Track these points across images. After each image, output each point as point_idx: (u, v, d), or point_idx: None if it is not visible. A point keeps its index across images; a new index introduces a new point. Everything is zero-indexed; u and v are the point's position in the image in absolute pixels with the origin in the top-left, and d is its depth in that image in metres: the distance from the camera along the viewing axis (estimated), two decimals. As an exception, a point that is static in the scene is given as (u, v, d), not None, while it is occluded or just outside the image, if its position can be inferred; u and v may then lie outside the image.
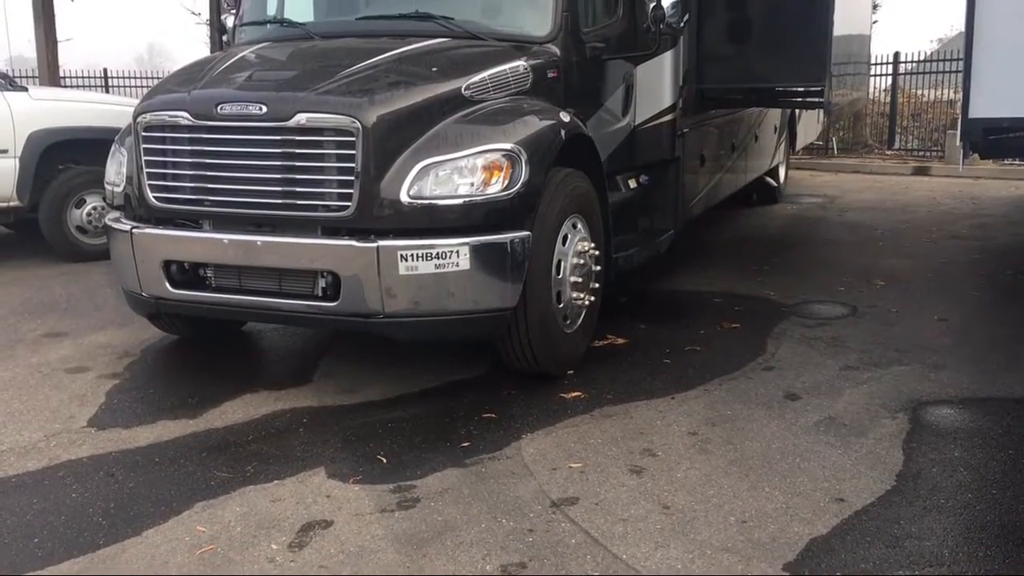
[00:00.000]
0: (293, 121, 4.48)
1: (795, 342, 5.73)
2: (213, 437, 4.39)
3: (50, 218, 8.24)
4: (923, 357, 5.40)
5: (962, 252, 8.45)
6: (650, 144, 6.57)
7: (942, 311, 6.41)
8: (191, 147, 4.75)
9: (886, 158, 16.22)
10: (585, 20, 5.72)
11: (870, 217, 10.48)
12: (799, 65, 7.07)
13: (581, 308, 5.20)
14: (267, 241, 4.64)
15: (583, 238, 5.18)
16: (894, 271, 7.65)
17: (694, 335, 5.88)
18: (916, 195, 12.30)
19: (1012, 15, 5.51)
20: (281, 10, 6.20)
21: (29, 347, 5.82)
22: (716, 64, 7.15)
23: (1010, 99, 5.62)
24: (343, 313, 4.58)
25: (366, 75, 4.77)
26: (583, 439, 4.29)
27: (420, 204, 4.47)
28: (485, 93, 4.90)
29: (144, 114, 4.87)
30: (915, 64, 17.24)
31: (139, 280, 4.96)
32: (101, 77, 21.67)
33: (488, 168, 4.55)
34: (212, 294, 4.86)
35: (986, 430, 4.36)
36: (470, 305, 4.58)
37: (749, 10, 7.21)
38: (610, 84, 6.06)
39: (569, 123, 5.12)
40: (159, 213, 4.89)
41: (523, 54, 5.25)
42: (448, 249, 4.46)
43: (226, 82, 4.91)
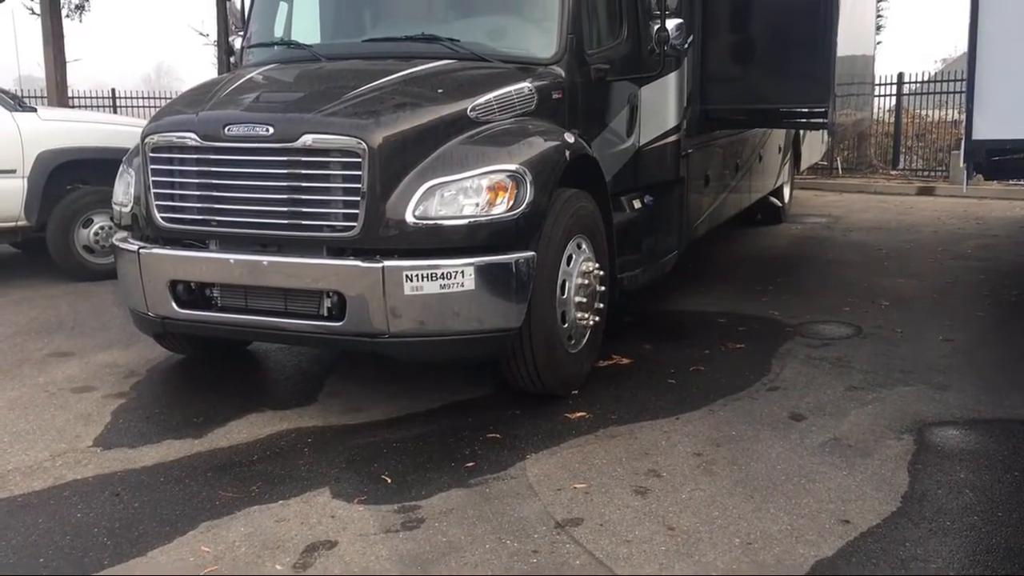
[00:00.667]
0: (299, 142, 4.51)
1: (800, 362, 5.73)
2: (218, 457, 4.39)
3: (57, 237, 8.28)
4: (928, 377, 5.39)
5: (967, 272, 8.45)
6: (654, 165, 6.60)
7: (947, 331, 6.40)
8: (198, 168, 4.78)
9: (891, 178, 16.25)
10: (590, 42, 5.76)
11: (875, 237, 10.49)
12: (803, 86, 7.11)
13: (586, 328, 5.21)
14: (273, 261, 4.67)
15: (588, 258, 5.20)
16: (899, 291, 7.66)
17: (699, 355, 5.88)
18: (921, 215, 12.32)
19: (1015, 37, 5.53)
20: (288, 32, 6.26)
21: (36, 366, 5.84)
22: (720, 85, 7.19)
23: (1013, 120, 5.63)
24: (348, 333, 4.59)
25: (372, 97, 4.81)
26: (587, 459, 4.28)
27: (425, 224, 4.50)
28: (490, 114, 4.93)
29: (152, 135, 4.91)
30: (919, 84, 17.30)
31: (146, 300, 4.98)
32: (109, 97, 21.83)
33: (493, 189, 4.57)
34: (218, 314, 4.88)
35: (992, 451, 4.35)
36: (475, 325, 4.59)
37: (752, 31, 7.26)
38: (614, 105, 6.09)
39: (574, 144, 5.15)
40: (166, 233, 4.92)
41: (528, 75, 5.29)
42: (453, 269, 4.48)
43: (233, 103, 4.96)
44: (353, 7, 6.40)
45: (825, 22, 6.80)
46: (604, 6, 6.09)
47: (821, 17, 6.81)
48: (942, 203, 13.60)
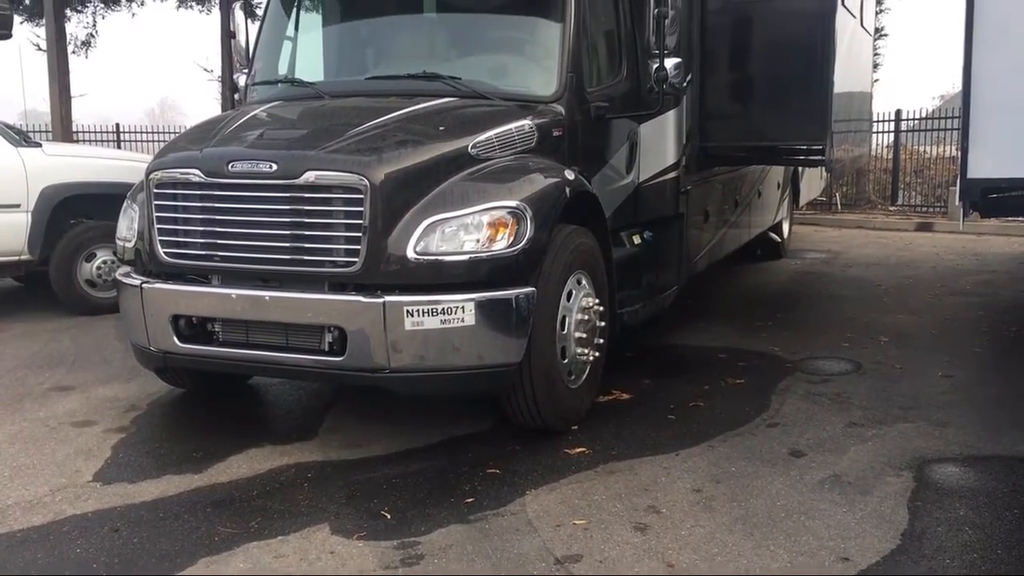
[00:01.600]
0: (302, 179, 4.56)
1: (799, 398, 5.73)
2: (218, 492, 4.39)
3: (60, 271, 8.31)
4: (928, 414, 5.40)
5: (966, 308, 8.47)
6: (654, 201, 6.65)
7: (947, 368, 6.41)
8: (202, 204, 4.83)
9: (889, 214, 16.32)
10: (590, 80, 5.83)
11: (874, 273, 10.53)
12: (801, 123, 7.17)
13: (586, 363, 5.22)
14: (275, 296, 4.70)
15: (587, 294, 5.23)
16: (898, 327, 7.67)
17: (698, 390, 5.89)
18: (920, 251, 12.36)
19: (1009, 76, 5.59)
20: (292, 70, 6.33)
21: (37, 400, 5.85)
22: (719, 122, 7.25)
23: (1008, 159, 5.68)
24: (349, 368, 4.61)
25: (374, 134, 4.87)
26: (587, 495, 4.28)
27: (426, 260, 4.53)
28: (491, 151, 4.99)
29: (156, 171, 4.96)
30: (917, 121, 17.42)
31: (147, 334, 5.00)
32: (113, 132, 21.97)
33: (494, 225, 4.61)
34: (219, 348, 4.90)
35: (992, 488, 4.34)
36: (475, 360, 4.61)
37: (750, 70, 7.34)
38: (614, 142, 6.16)
39: (574, 181, 5.20)
40: (169, 268, 4.96)
41: (529, 113, 5.35)
42: (453, 305, 4.50)
43: (237, 140, 5.01)
44: (356, 45, 6.50)
45: (822, 60, 6.87)
46: (604, 45, 6.18)
47: (818, 55, 6.89)
48: (941, 239, 13.65)
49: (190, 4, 19.32)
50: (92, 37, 19.65)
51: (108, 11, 19.49)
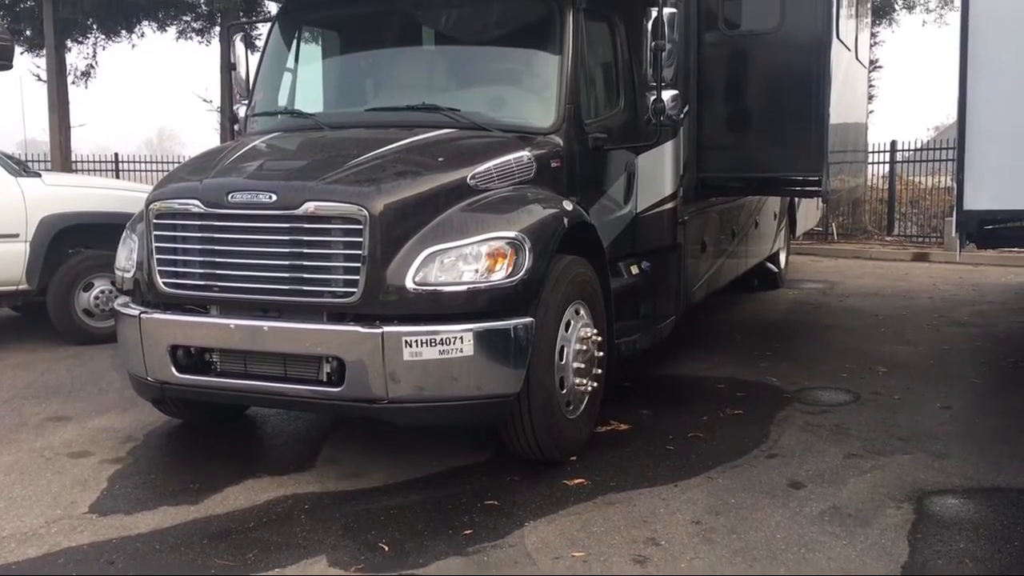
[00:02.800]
0: (302, 209, 4.58)
1: (798, 429, 5.72)
2: (214, 524, 4.37)
3: (58, 301, 8.31)
4: (927, 445, 5.39)
5: (964, 339, 8.48)
6: (652, 231, 6.67)
7: (945, 399, 6.41)
8: (201, 234, 4.84)
9: (886, 244, 16.38)
10: (588, 112, 5.87)
11: (871, 303, 10.54)
12: (797, 154, 7.21)
13: (584, 394, 5.22)
14: (273, 326, 4.70)
15: (586, 324, 5.23)
16: (896, 357, 7.67)
17: (697, 421, 5.88)
18: (916, 281, 12.39)
19: (1003, 108, 5.63)
20: (292, 101, 6.38)
21: (33, 431, 5.82)
22: (716, 153, 7.30)
23: (1004, 191, 5.71)
24: (347, 398, 4.60)
25: (374, 165, 4.89)
26: (586, 527, 4.26)
27: (425, 291, 4.54)
28: (490, 182, 5.01)
29: (156, 202, 4.98)
30: (912, 152, 17.53)
31: (145, 365, 5.00)
32: (112, 161, 22.04)
33: (492, 255, 4.63)
34: (217, 379, 4.89)
35: (992, 521, 4.33)
36: (474, 391, 4.61)
37: (747, 101, 7.39)
38: (612, 173, 6.19)
39: (572, 211, 5.22)
40: (167, 299, 4.96)
41: (527, 144, 5.38)
42: (452, 335, 4.51)
43: (237, 171, 5.04)
44: (355, 77, 6.55)
45: (818, 92, 6.93)
46: (602, 77, 6.24)
47: (814, 87, 6.94)
48: (937, 269, 13.69)
49: (190, 35, 19.48)
50: (92, 68, 19.79)
51: (108, 42, 19.64)
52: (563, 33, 5.70)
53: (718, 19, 7.12)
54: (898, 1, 18.06)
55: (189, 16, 19.15)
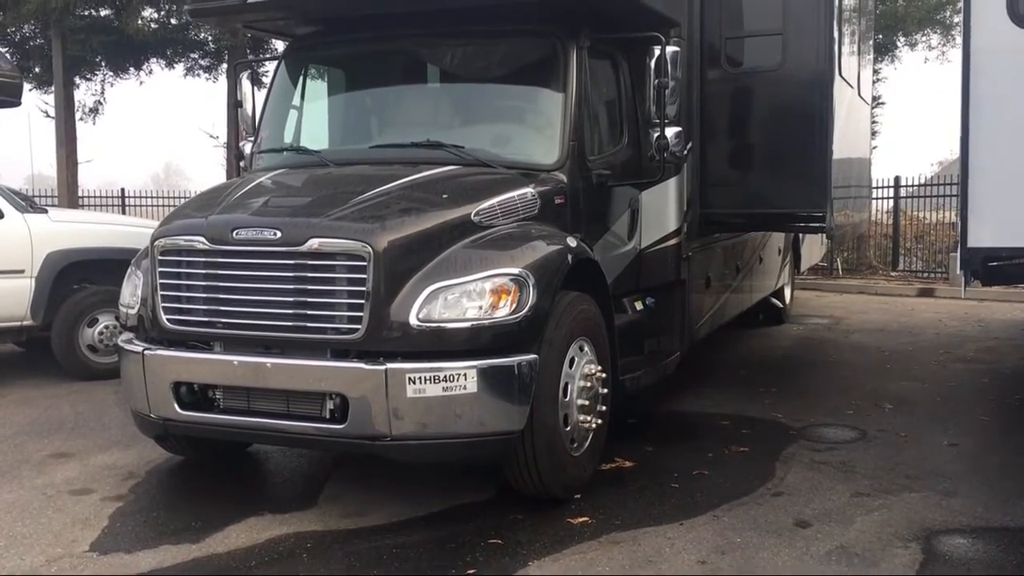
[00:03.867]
0: (306, 246, 4.59)
1: (804, 467, 5.67)
2: (216, 563, 4.33)
3: (62, 337, 8.31)
4: (934, 484, 5.34)
5: (970, 376, 8.43)
6: (656, 267, 6.67)
7: (952, 436, 6.36)
8: (206, 270, 4.86)
9: (891, 279, 16.36)
10: (591, 148, 5.90)
11: (877, 339, 10.51)
12: (800, 190, 7.22)
13: (588, 431, 5.19)
14: (277, 363, 4.69)
15: (590, 360, 5.21)
16: (902, 394, 7.63)
17: (702, 458, 5.83)
18: (922, 317, 12.35)
19: (1006, 146, 5.64)
20: (297, 138, 6.42)
21: (34, 468, 5.80)
22: (719, 189, 7.31)
23: (1008, 229, 5.69)
24: (350, 436, 4.58)
25: (378, 202, 4.91)
26: (590, 567, 4.22)
27: (429, 327, 4.54)
28: (494, 219, 5.02)
29: (161, 238, 4.99)
30: (915, 187, 17.56)
31: (148, 401, 4.98)
32: (118, 196, 22.16)
33: (496, 292, 4.62)
34: (220, 416, 4.88)
35: (1001, 560, 4.28)
36: (477, 428, 4.59)
37: (750, 137, 7.42)
38: (616, 209, 6.20)
39: (576, 248, 5.23)
40: (171, 335, 4.96)
41: (531, 181, 5.40)
42: (456, 372, 4.49)
43: (242, 207, 5.06)
44: (361, 114, 6.59)
45: (820, 129, 6.96)
46: (605, 114, 6.27)
47: (816, 124, 6.97)
48: (943, 305, 13.65)
49: (197, 72, 19.68)
50: (100, 104, 19.98)
51: (117, 79, 19.84)
52: (567, 71, 5.74)
53: (721, 57, 7.16)
54: (900, 39, 18.17)
55: (197, 54, 19.37)
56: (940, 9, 17.62)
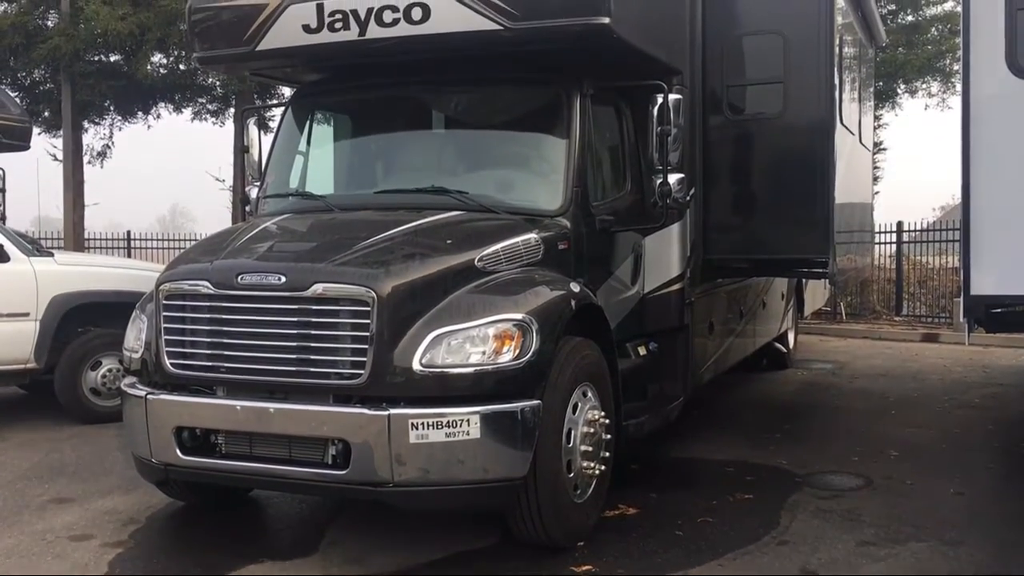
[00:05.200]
0: (310, 291, 4.61)
1: (809, 515, 5.62)
2: (215, 610, 4.29)
3: (65, 380, 8.30)
4: (941, 533, 5.29)
5: (976, 422, 8.38)
6: (659, 312, 6.67)
7: (958, 484, 6.31)
8: (210, 315, 4.87)
9: (895, 324, 16.32)
10: (595, 194, 5.93)
11: (881, 384, 10.46)
12: (803, 236, 7.25)
13: (591, 477, 5.16)
14: (280, 408, 4.68)
15: (593, 406, 5.20)
16: (907, 441, 7.58)
17: (707, 505, 5.79)
18: (926, 362, 12.31)
19: (1007, 194, 5.66)
20: (303, 183, 6.47)
21: (35, 513, 5.76)
22: (722, 235, 7.34)
23: (1010, 276, 5.69)
24: (352, 482, 4.56)
25: (382, 247, 4.94)
26: (594, 617, 4.17)
27: (432, 372, 4.53)
28: (497, 264, 5.05)
29: (167, 283, 5.02)
30: (918, 232, 17.60)
31: (150, 446, 4.97)
32: (124, 239, 22.28)
33: (500, 337, 4.63)
34: (222, 461, 4.86)
35: (1010, 611, 4.23)
36: (480, 474, 4.56)
37: (752, 183, 7.46)
38: (619, 254, 6.23)
39: (579, 293, 5.24)
40: (174, 379, 4.95)
41: (535, 227, 5.43)
42: (459, 418, 4.48)
43: (247, 252, 5.09)
44: (366, 160, 6.66)
45: (822, 176, 7.01)
46: (609, 160, 6.32)
47: (818, 171, 7.02)
48: (947, 350, 13.60)
49: (205, 116, 19.87)
50: (108, 148, 20.16)
51: (125, 123, 20.04)
52: (570, 118, 5.80)
53: (723, 104, 7.23)
54: (900, 86, 18.33)
55: (205, 98, 19.57)
56: (939, 58, 17.79)
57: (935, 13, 18.33)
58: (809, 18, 6.96)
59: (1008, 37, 5.56)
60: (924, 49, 17.79)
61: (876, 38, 10.99)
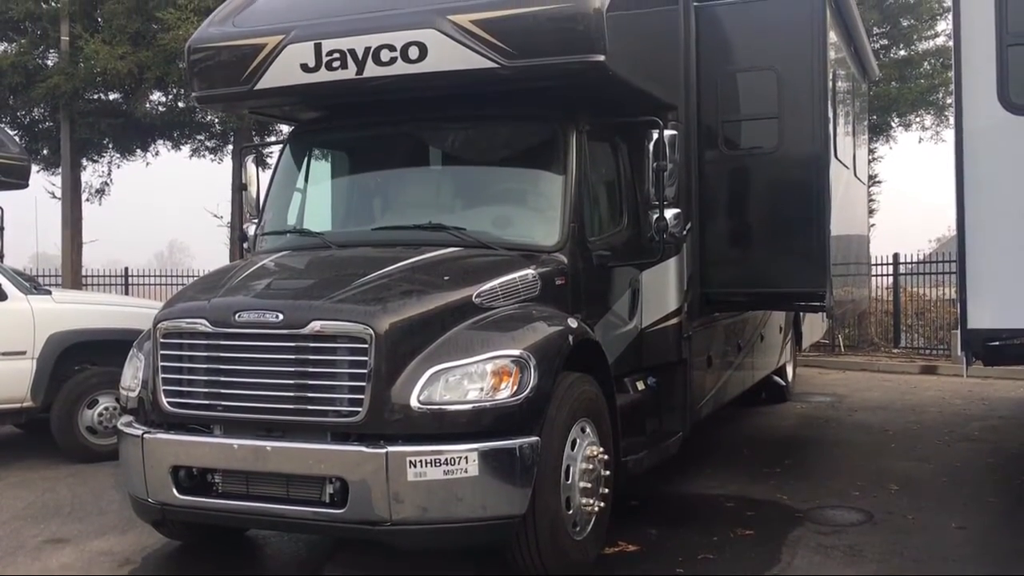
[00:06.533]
0: (308, 328, 4.61)
1: (811, 551, 5.58)
2: (211, 653, 4.24)
3: (62, 418, 8.25)
4: (943, 568, 5.25)
5: (976, 455, 8.35)
6: (657, 347, 6.67)
7: (960, 518, 6.26)
8: (207, 353, 4.87)
9: (893, 356, 16.31)
10: (592, 230, 5.96)
11: (880, 417, 10.43)
12: (800, 270, 7.26)
13: (591, 514, 5.12)
14: (277, 446, 4.66)
15: (592, 442, 5.18)
16: (908, 475, 7.54)
17: (707, 542, 5.74)
18: (925, 395, 12.28)
19: (1002, 227, 5.68)
20: (301, 220, 6.49)
21: (30, 554, 5.71)
22: (719, 269, 7.35)
23: (1007, 310, 5.71)
24: (350, 520, 4.53)
25: (380, 284, 4.95)
26: (595, 657, 4.12)
27: (430, 410, 4.53)
28: (495, 300, 5.05)
29: (164, 321, 5.02)
30: (914, 264, 17.65)
31: (146, 486, 4.94)
32: (122, 276, 22.28)
33: (497, 374, 4.62)
34: (218, 500, 4.83)
35: (1015, 648, 4.18)
36: (479, 512, 4.54)
37: (749, 218, 7.49)
38: (616, 289, 6.23)
39: (577, 329, 5.24)
40: (171, 418, 4.94)
41: (532, 263, 5.44)
42: (457, 455, 4.47)
43: (245, 290, 5.10)
44: (363, 196, 6.68)
45: (818, 208, 7.03)
46: (605, 196, 6.35)
47: (814, 203, 7.05)
48: (946, 383, 13.57)
49: (203, 153, 19.95)
50: (107, 185, 20.22)
51: (123, 161, 20.12)
52: (566, 154, 5.83)
53: (718, 139, 7.28)
54: (894, 119, 18.47)
55: (203, 135, 19.67)
56: (932, 91, 17.94)
57: (927, 48, 18.53)
58: (802, 54, 7.02)
59: (1000, 73, 5.62)
60: (917, 83, 17.95)
61: (869, 73, 11.09)
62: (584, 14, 5.33)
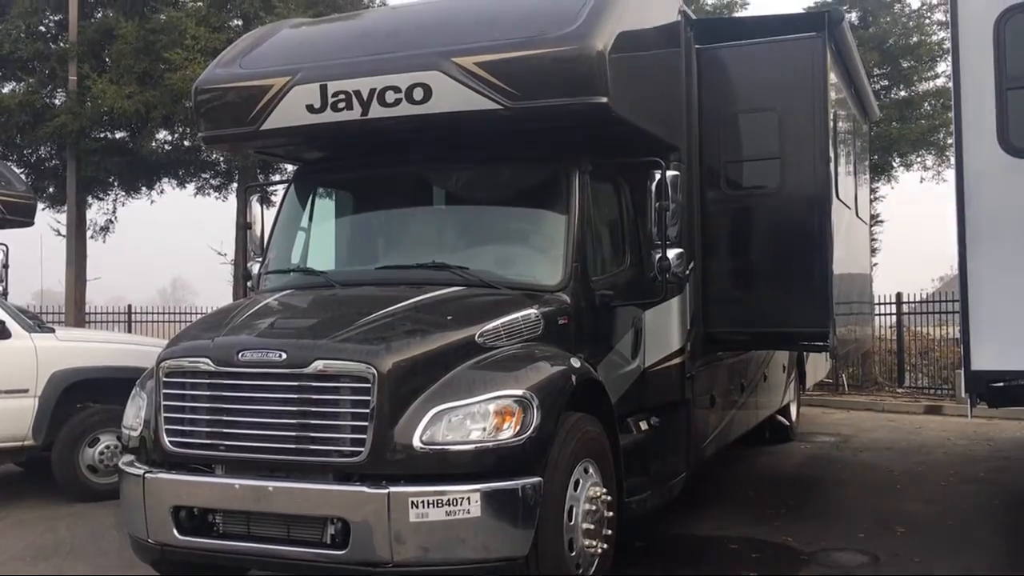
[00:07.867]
0: (311, 368, 4.61)
1: (816, 594, 5.53)
2: None
3: (63, 457, 8.21)
4: (951, 611, 5.19)
5: (983, 497, 8.28)
6: (660, 386, 6.64)
7: (967, 561, 6.20)
8: (210, 392, 4.87)
9: (897, 396, 16.23)
10: (594, 269, 5.97)
11: (886, 458, 10.36)
12: (802, 310, 7.26)
13: (594, 556, 5.08)
14: (279, 486, 4.65)
15: (595, 483, 5.15)
16: (914, 516, 7.48)
17: (712, 585, 5.70)
18: (930, 435, 12.20)
19: (1004, 269, 5.68)
20: (304, 259, 6.51)
21: (28, 594, 5.68)
22: (722, 308, 7.35)
23: (1012, 351, 5.69)
24: (351, 562, 4.51)
25: (383, 323, 4.95)
26: None
27: (432, 450, 4.51)
28: (498, 340, 5.05)
29: (167, 360, 5.02)
30: (917, 304, 17.63)
31: (147, 526, 4.92)
32: (125, 313, 22.31)
33: (500, 414, 4.62)
34: (219, 541, 4.81)
35: None
36: (481, 553, 4.51)
37: (752, 258, 7.51)
38: (619, 329, 6.23)
39: (580, 368, 5.23)
40: (173, 458, 4.92)
41: (535, 302, 5.45)
42: (459, 496, 4.44)
43: (248, 329, 5.10)
44: (367, 236, 6.71)
45: (820, 248, 7.05)
46: (608, 236, 6.37)
47: (816, 243, 7.06)
48: (951, 423, 13.49)
49: (208, 191, 20.05)
50: (111, 223, 20.28)
51: (128, 198, 20.21)
52: (569, 194, 5.86)
53: (720, 179, 7.32)
54: (895, 159, 18.55)
55: (208, 173, 19.77)
56: (933, 132, 18.03)
57: (928, 88, 18.63)
58: (803, 95, 7.07)
59: (999, 116, 5.65)
60: (918, 123, 18.03)
61: (870, 113, 11.17)
62: (587, 56, 5.39)
